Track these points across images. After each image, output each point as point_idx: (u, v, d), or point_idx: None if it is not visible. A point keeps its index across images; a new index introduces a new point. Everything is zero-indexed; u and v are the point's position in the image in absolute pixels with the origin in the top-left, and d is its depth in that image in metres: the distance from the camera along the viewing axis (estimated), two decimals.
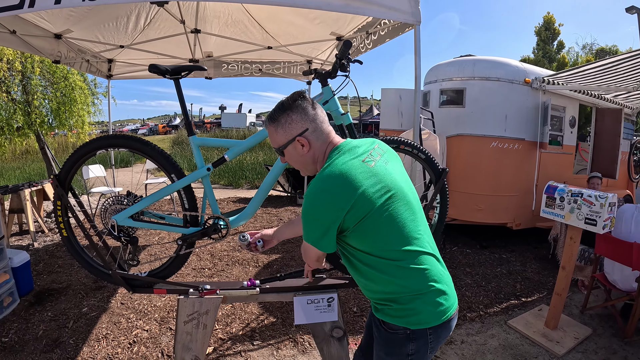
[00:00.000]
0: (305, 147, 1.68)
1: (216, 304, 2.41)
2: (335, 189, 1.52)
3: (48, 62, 7.14)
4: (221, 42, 6.08)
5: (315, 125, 1.68)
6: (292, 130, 1.67)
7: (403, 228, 1.58)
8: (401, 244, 1.57)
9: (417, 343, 1.62)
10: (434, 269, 1.62)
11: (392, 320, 1.63)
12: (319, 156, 1.72)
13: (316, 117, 1.69)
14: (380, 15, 3.11)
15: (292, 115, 1.67)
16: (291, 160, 1.77)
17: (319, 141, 1.70)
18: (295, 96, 1.70)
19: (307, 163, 1.74)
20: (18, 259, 4.39)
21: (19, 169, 15.54)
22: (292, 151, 1.71)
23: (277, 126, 1.69)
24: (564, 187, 3.74)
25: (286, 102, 1.69)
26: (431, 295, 1.59)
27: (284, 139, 1.69)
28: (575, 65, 18.46)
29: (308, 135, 1.68)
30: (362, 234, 1.56)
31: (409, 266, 1.57)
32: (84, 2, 2.64)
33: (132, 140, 2.37)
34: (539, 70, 6.32)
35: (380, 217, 1.53)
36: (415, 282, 1.58)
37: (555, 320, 3.88)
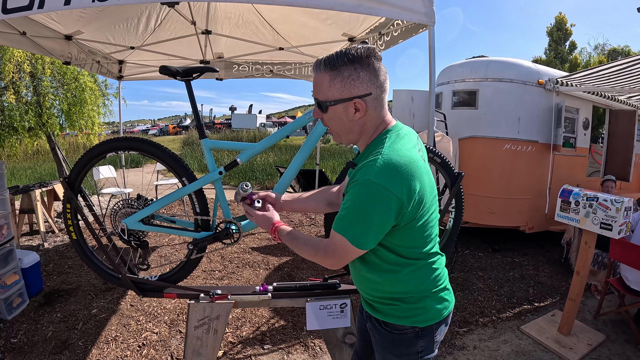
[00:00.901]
0: (360, 112, 1.45)
1: (227, 309, 2.38)
2: (403, 179, 1.35)
3: (59, 64, 7.16)
4: (232, 43, 6.05)
5: (379, 93, 1.45)
6: (353, 88, 1.41)
7: (433, 229, 1.56)
8: (425, 246, 1.54)
9: (426, 339, 1.61)
10: (443, 269, 1.64)
11: (397, 321, 1.59)
12: (369, 129, 1.51)
13: (384, 84, 1.46)
14: (393, 16, 3.05)
15: (361, 72, 1.40)
16: (333, 120, 1.51)
17: (376, 112, 1.48)
18: (370, 51, 1.41)
19: (352, 131, 1.51)
20: (28, 259, 4.40)
21: (30, 168, 15.64)
22: (341, 112, 1.47)
23: (335, 77, 1.42)
24: (579, 191, 3.69)
25: (357, 54, 1.40)
26: (439, 294, 1.60)
27: (339, 94, 1.43)
28: (587, 66, 18.36)
29: (369, 100, 1.44)
30: (401, 232, 1.46)
31: (426, 267, 1.56)
32: (93, 3, 2.62)
33: (143, 143, 2.34)
34: (552, 71, 6.24)
35: (422, 219, 1.47)
36: (427, 282, 1.57)
37: (568, 326, 3.83)
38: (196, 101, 2.35)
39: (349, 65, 1.40)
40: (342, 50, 1.42)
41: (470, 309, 4.35)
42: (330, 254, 1.49)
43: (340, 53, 1.41)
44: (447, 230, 2.74)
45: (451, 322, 4.00)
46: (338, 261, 1.50)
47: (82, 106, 7.87)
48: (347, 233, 1.41)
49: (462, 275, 5.22)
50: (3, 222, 4.12)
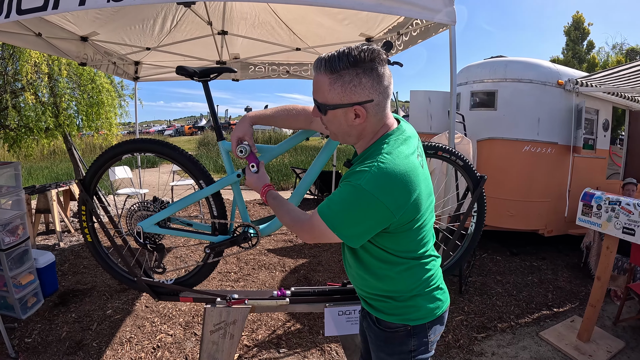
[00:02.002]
0: (360, 119, 1.38)
1: (244, 314, 2.34)
2: (395, 189, 1.31)
3: (75, 65, 7.21)
4: (248, 44, 6.04)
5: (381, 100, 1.37)
6: (354, 94, 1.33)
7: (427, 233, 1.54)
8: (419, 249, 1.53)
9: (418, 338, 1.58)
10: (438, 270, 1.63)
11: (389, 318, 1.58)
12: (368, 134, 1.45)
13: (387, 89, 1.37)
14: (413, 15, 3.01)
15: (363, 78, 1.32)
16: (331, 123, 1.45)
17: (376, 117, 1.41)
18: (374, 54, 1.32)
19: (350, 135, 1.46)
20: (43, 259, 4.42)
21: (47, 168, 15.83)
22: (340, 116, 1.40)
23: (335, 80, 1.33)
24: (601, 194, 3.59)
25: (360, 57, 1.30)
26: (431, 293, 1.59)
27: (339, 99, 1.35)
28: (605, 66, 18.07)
29: (370, 107, 1.36)
30: (395, 235, 1.44)
31: (419, 268, 1.55)
32: (108, 3, 2.60)
33: (159, 145, 2.30)
34: (571, 71, 6.13)
35: (418, 223, 1.44)
36: (419, 282, 1.55)
37: (588, 332, 3.74)
38: (213, 102, 2.32)
39: (350, 69, 1.31)
40: (345, 51, 1.32)
41: (489, 314, 4.28)
42: (307, 229, 1.51)
43: (342, 54, 1.32)
44: (468, 235, 2.67)
45: (469, 328, 3.96)
46: (312, 238, 1.52)
47: (99, 107, 7.94)
48: (329, 221, 1.39)
49: (480, 279, 5.14)
50: (19, 222, 4.14)
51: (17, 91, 7.14)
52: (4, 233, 3.89)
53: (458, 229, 2.60)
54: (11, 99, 7.00)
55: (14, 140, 7.48)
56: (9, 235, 3.97)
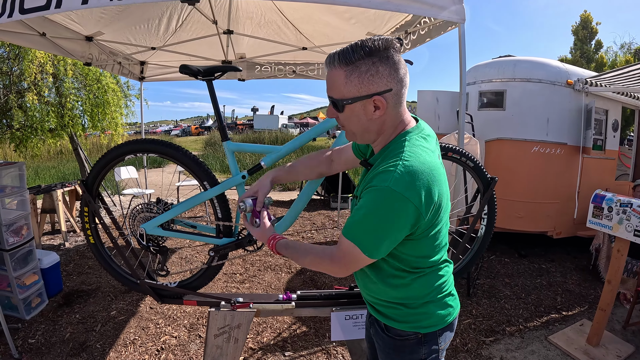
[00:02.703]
0: (380, 110, 1.31)
1: (249, 318, 2.29)
2: (424, 188, 1.24)
3: (80, 65, 7.22)
4: (254, 43, 6.02)
5: (399, 88, 1.31)
6: (372, 84, 1.27)
7: (443, 238, 1.48)
8: (434, 255, 1.47)
9: (429, 346, 1.53)
10: (450, 276, 1.58)
11: (399, 326, 1.52)
12: (387, 128, 1.38)
13: (405, 78, 1.32)
14: (422, 13, 2.96)
15: (380, 66, 1.27)
16: (349, 120, 1.38)
17: (395, 110, 1.34)
18: (388, 43, 1.27)
19: (370, 130, 1.38)
20: (48, 260, 4.42)
21: (54, 168, 15.89)
22: (359, 110, 1.33)
23: (352, 72, 1.28)
24: (612, 196, 3.53)
25: (374, 46, 1.26)
26: (443, 299, 1.53)
27: (356, 91, 1.29)
28: (613, 65, 17.92)
29: (389, 97, 1.30)
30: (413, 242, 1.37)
31: (433, 275, 1.50)
32: (111, 2, 2.59)
33: (162, 145, 2.26)
34: (581, 71, 6.06)
35: (439, 226, 1.39)
36: (432, 289, 1.50)
37: (597, 337, 3.69)
38: (218, 102, 2.28)
39: (366, 58, 1.26)
40: (358, 43, 1.28)
41: (497, 317, 4.22)
42: (337, 261, 1.39)
43: (356, 46, 1.28)
44: (478, 238, 2.62)
45: (477, 331, 3.91)
46: (345, 269, 1.40)
47: (105, 107, 7.95)
48: (359, 241, 1.30)
49: (489, 281, 5.08)
50: (23, 222, 4.13)
51: (23, 91, 7.15)
52: (8, 233, 3.89)
53: (468, 232, 2.55)
54: (17, 99, 7.02)
55: (20, 140, 7.50)
56: (13, 235, 3.96)
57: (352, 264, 1.38)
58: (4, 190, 3.99)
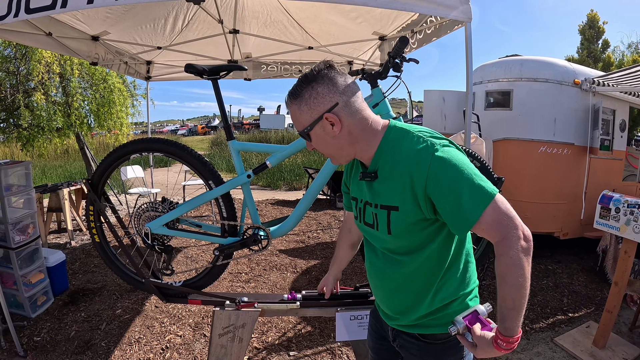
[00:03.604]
0: (337, 126, 1.38)
1: (254, 318, 2.29)
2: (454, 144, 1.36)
3: (87, 65, 7.26)
4: (260, 43, 6.02)
5: (346, 99, 1.38)
6: (318, 106, 1.37)
7: None
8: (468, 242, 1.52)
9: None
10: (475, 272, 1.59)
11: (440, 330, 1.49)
12: (357, 135, 1.42)
13: (347, 89, 1.39)
14: (428, 12, 2.95)
15: (318, 87, 1.37)
16: (320, 144, 1.45)
17: (354, 118, 1.40)
18: (319, 66, 1.40)
19: (342, 146, 1.44)
20: (53, 258, 4.45)
21: (61, 167, 15.99)
22: (321, 133, 1.41)
23: (300, 103, 1.39)
24: (620, 197, 3.50)
25: (310, 74, 1.39)
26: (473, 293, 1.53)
27: (309, 117, 1.39)
28: (620, 65, 17.80)
29: (338, 111, 1.37)
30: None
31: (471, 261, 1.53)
32: (117, 2, 2.59)
33: (167, 145, 2.27)
34: (588, 70, 6.02)
35: None
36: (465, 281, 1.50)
37: (604, 339, 3.66)
38: (224, 101, 2.27)
39: (306, 86, 1.38)
40: (300, 77, 1.41)
41: None
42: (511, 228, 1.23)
43: (298, 80, 1.41)
44: (484, 238, 2.60)
45: None
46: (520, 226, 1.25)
47: (111, 107, 7.98)
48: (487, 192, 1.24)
49: (494, 283, 5.03)
50: (29, 221, 4.16)
51: (30, 91, 7.19)
52: (14, 232, 3.92)
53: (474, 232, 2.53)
54: (24, 99, 7.05)
55: (27, 139, 7.55)
56: (19, 234, 3.99)
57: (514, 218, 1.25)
58: (11, 189, 4.01)
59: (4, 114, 7.44)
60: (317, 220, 8.20)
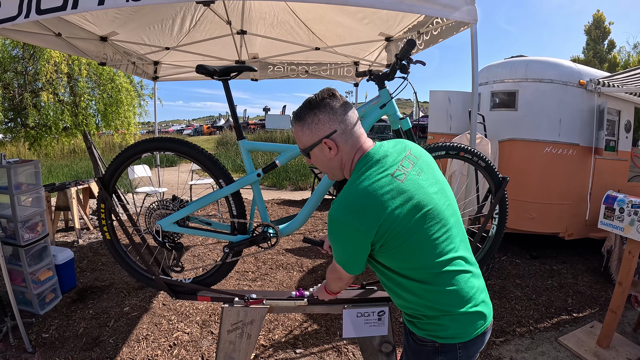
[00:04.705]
0: (333, 150, 1.56)
1: (262, 314, 2.32)
2: (360, 212, 1.41)
3: (95, 64, 7.30)
4: (267, 44, 6.05)
5: (344, 127, 1.55)
6: (318, 131, 1.55)
7: (434, 248, 1.47)
8: (431, 267, 1.48)
9: (446, 356, 1.55)
10: (466, 287, 1.51)
11: (419, 332, 1.58)
12: (346, 162, 1.59)
13: (346, 118, 1.55)
14: (434, 14, 2.97)
15: (320, 114, 1.54)
16: (317, 163, 1.65)
17: (347, 145, 1.56)
18: (324, 94, 1.56)
19: (334, 168, 1.63)
20: (62, 256, 4.49)
21: (67, 166, 16.05)
22: (319, 154, 1.60)
23: (303, 125, 1.58)
24: (624, 197, 3.51)
25: (314, 100, 1.56)
26: (461, 316, 1.52)
27: (310, 140, 1.57)
28: (626, 66, 17.73)
29: (336, 137, 1.54)
30: (390, 254, 1.49)
31: (438, 289, 1.49)
32: (127, 3, 2.61)
33: (179, 144, 2.30)
34: (593, 71, 6.01)
35: (410, 239, 1.44)
36: (442, 303, 1.50)
37: (608, 339, 3.67)
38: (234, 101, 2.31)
39: (309, 112, 1.55)
40: (305, 101, 1.59)
41: (507, 318, 4.21)
42: (334, 272, 1.74)
43: (303, 104, 1.58)
44: (489, 238, 2.62)
45: None
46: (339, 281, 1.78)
47: (118, 106, 8.02)
48: (336, 259, 1.62)
49: (499, 282, 5.06)
50: (38, 219, 4.20)
51: (37, 90, 7.24)
52: (23, 230, 3.96)
53: (479, 231, 2.56)
54: (31, 98, 7.10)
55: (34, 138, 7.59)
56: (28, 231, 4.03)
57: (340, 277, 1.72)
58: (20, 188, 4.05)
59: (12, 114, 7.47)
60: (323, 220, 8.22)
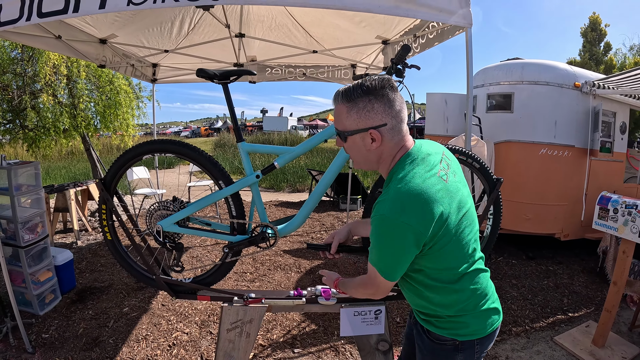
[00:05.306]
0: (377, 142, 1.47)
1: (261, 313, 2.36)
2: (417, 210, 1.35)
3: (94, 67, 7.31)
4: (265, 46, 6.07)
5: (395, 123, 1.46)
6: (368, 119, 1.44)
7: (466, 249, 1.52)
8: (460, 267, 1.51)
9: (465, 354, 1.58)
10: (484, 286, 1.59)
11: (439, 331, 1.58)
12: (386, 158, 1.52)
13: (400, 113, 1.46)
14: (429, 18, 3.00)
15: (375, 103, 1.43)
16: (352, 149, 1.55)
17: (392, 141, 1.49)
18: (384, 82, 1.44)
19: (370, 160, 1.54)
20: (62, 257, 4.51)
21: (65, 168, 16.05)
22: (359, 141, 1.50)
23: (351, 108, 1.46)
24: (618, 198, 3.56)
25: (372, 86, 1.43)
26: (480, 312, 1.57)
27: (355, 125, 1.47)
28: (622, 67, 17.80)
29: (384, 131, 1.45)
30: (431, 255, 1.45)
31: (464, 288, 1.53)
32: (128, 7, 2.62)
33: (180, 146, 2.34)
34: (588, 73, 6.06)
35: (452, 240, 1.45)
36: (466, 302, 1.54)
37: (603, 338, 3.71)
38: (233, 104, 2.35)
39: (363, 97, 1.43)
40: (358, 82, 1.46)
41: (504, 317, 4.19)
42: (368, 286, 1.58)
43: (356, 85, 1.45)
44: (484, 238, 2.67)
45: None
46: (375, 291, 1.57)
47: (117, 108, 8.03)
48: (377, 266, 1.47)
49: (496, 283, 5.03)
50: (38, 220, 4.22)
51: (36, 92, 7.25)
52: (23, 230, 3.98)
53: None
54: (30, 100, 7.12)
55: (32, 140, 7.60)
56: (28, 232, 4.05)
57: (379, 287, 1.53)
58: (20, 189, 4.07)
59: (10, 115, 7.49)
60: (321, 221, 8.27)
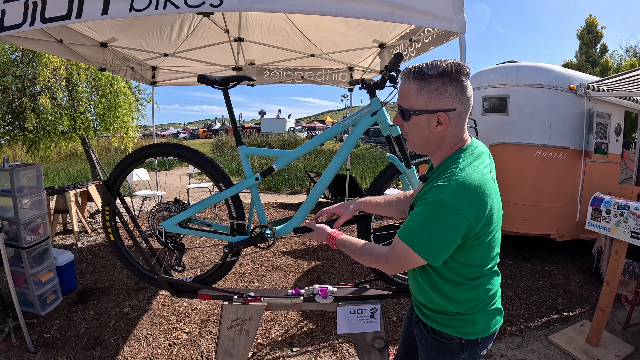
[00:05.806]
0: (442, 126, 1.43)
1: (260, 312, 2.42)
2: (475, 201, 1.35)
3: (93, 69, 7.37)
4: (264, 50, 6.13)
5: (463, 110, 1.44)
6: (439, 101, 1.41)
7: (494, 250, 1.55)
8: (485, 266, 1.54)
9: (470, 352, 1.61)
10: (496, 288, 1.63)
11: (445, 329, 1.60)
12: (447, 144, 1.50)
13: (469, 102, 1.44)
14: (423, 24, 3.05)
15: (449, 86, 1.39)
16: (413, 129, 1.50)
17: (456, 128, 1.46)
18: (461, 68, 1.40)
19: (430, 143, 1.50)
20: (63, 258, 4.55)
21: (63, 170, 16.05)
22: (423, 123, 1.46)
23: (422, 87, 1.41)
24: (611, 199, 3.60)
25: (448, 68, 1.39)
26: (490, 311, 1.60)
27: (424, 105, 1.42)
28: (619, 70, 17.86)
29: (452, 116, 1.42)
30: (464, 250, 1.46)
31: (481, 285, 1.56)
32: (130, 13, 2.65)
33: (182, 149, 2.41)
34: (583, 76, 6.12)
35: (487, 239, 1.47)
36: (479, 300, 1.57)
37: (597, 337, 3.75)
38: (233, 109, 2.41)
39: (438, 78, 1.39)
40: (434, 62, 1.41)
41: None
42: (392, 261, 1.51)
43: (431, 65, 1.41)
44: None
45: None
46: (400, 268, 1.53)
47: (116, 111, 8.07)
48: (415, 245, 1.41)
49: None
50: (40, 221, 4.26)
51: (36, 94, 7.30)
52: (25, 232, 4.02)
53: None
54: (30, 102, 7.16)
55: (32, 142, 7.65)
56: (30, 234, 4.09)
57: (406, 264, 1.50)
58: (22, 191, 4.12)
59: (10, 117, 7.54)
60: None
